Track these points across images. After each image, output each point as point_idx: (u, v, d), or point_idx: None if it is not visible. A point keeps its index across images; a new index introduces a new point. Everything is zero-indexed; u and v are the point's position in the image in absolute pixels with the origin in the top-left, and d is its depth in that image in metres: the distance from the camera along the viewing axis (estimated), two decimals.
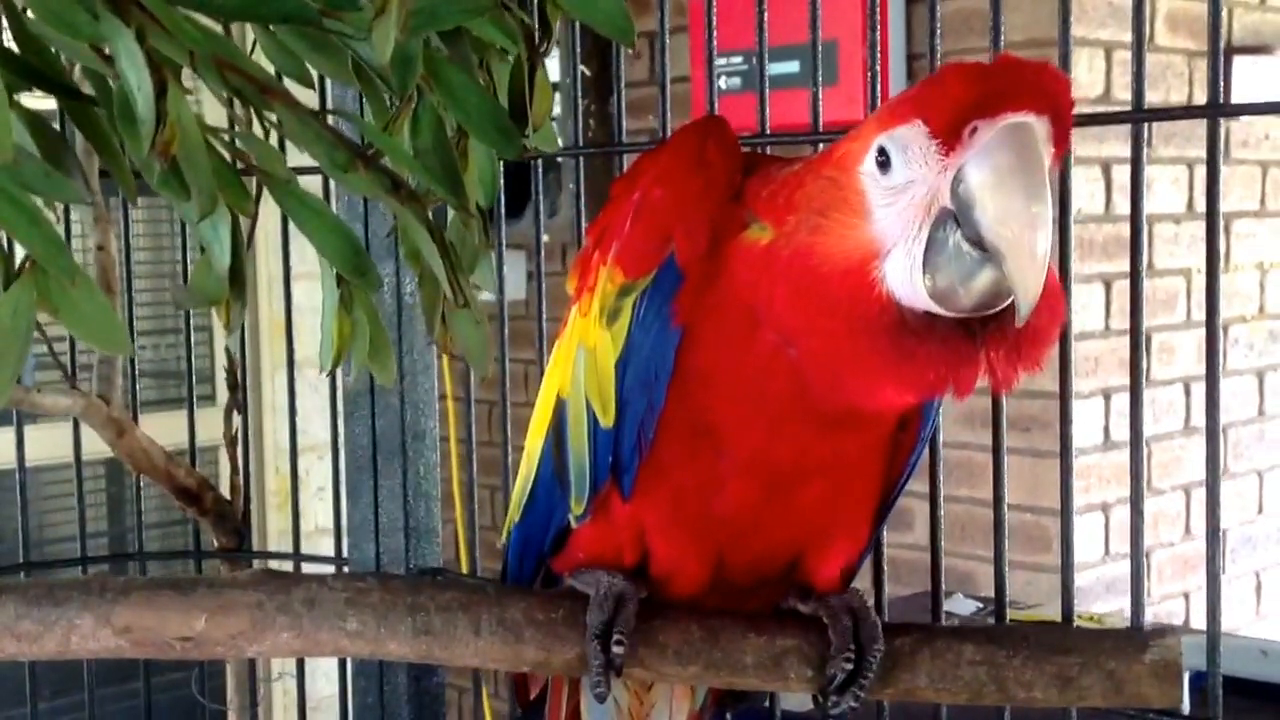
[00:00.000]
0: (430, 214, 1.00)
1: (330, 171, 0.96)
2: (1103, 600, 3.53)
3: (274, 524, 4.47)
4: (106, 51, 0.89)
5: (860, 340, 1.15)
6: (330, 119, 1.06)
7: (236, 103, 0.96)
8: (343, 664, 2.10)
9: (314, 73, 1.09)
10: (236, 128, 1.02)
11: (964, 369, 1.15)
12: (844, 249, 1.15)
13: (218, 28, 0.99)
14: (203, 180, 0.87)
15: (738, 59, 3.71)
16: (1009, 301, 1.11)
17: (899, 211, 1.13)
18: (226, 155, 0.97)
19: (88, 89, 1.05)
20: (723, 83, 3.68)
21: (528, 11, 1.06)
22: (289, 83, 1.05)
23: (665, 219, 1.25)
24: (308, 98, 1.11)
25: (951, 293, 1.12)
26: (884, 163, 1.14)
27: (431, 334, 1.12)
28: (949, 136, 1.10)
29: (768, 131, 1.64)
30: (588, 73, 4.28)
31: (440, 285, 1.02)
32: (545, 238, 3.30)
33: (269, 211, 1.22)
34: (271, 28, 0.98)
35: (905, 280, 1.13)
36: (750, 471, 1.29)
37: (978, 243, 1.10)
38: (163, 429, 2.20)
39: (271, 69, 1.05)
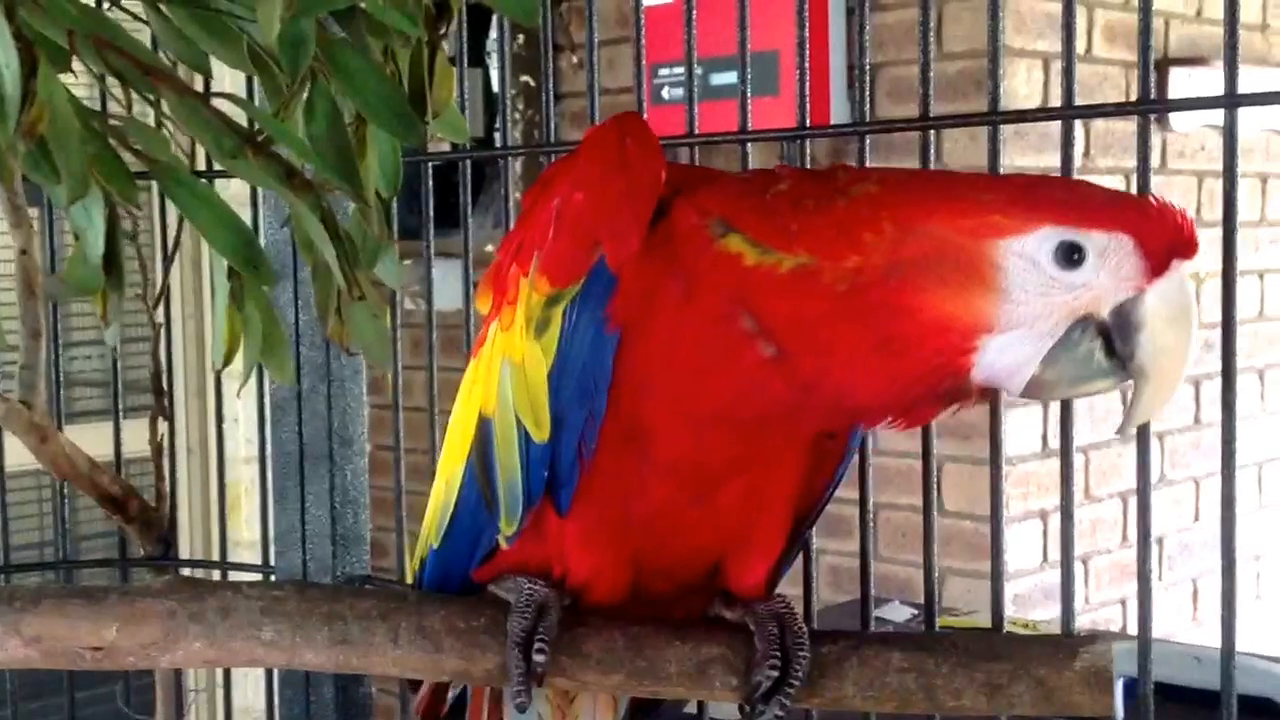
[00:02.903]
0: (327, 204, 0.96)
1: (218, 158, 0.93)
2: (1041, 607, 3.53)
3: (217, 534, 4.40)
4: None
5: (909, 390, 1.18)
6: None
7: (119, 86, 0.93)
8: (269, 674, 2.07)
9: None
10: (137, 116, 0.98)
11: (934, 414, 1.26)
12: (948, 311, 1.16)
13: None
14: (73, 163, 0.83)
15: (680, 70, 3.69)
16: None
17: (1049, 304, 1.16)
18: (117, 144, 0.94)
19: None
20: (665, 93, 3.67)
21: None
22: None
23: (590, 223, 1.22)
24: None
25: (1053, 385, 1.19)
26: (1069, 258, 1.16)
27: (325, 328, 1.09)
28: (1160, 264, 1.16)
29: (696, 133, 1.63)
30: (532, 84, 4.25)
31: (334, 278, 0.99)
32: (489, 247, 3.28)
33: None
34: (164, 11, 0.95)
35: (1011, 363, 1.17)
36: (673, 473, 1.27)
37: (1120, 357, 1.17)
38: (105, 439, 2.17)
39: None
